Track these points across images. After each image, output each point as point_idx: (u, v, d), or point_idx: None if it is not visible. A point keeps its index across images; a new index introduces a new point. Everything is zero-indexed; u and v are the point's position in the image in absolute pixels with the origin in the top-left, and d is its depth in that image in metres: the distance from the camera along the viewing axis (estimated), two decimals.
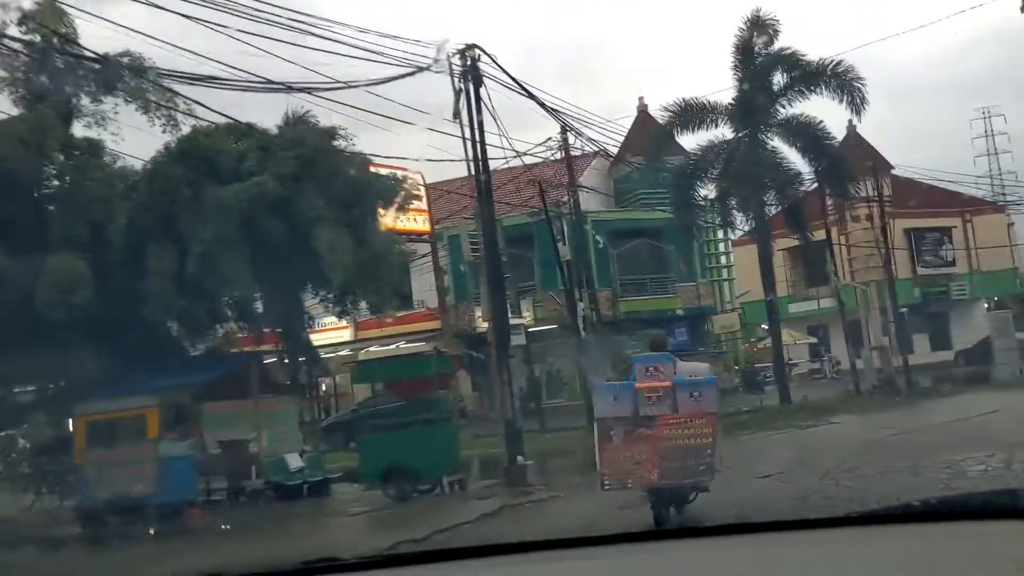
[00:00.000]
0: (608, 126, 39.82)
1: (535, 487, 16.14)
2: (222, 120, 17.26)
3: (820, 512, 2.77)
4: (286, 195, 15.73)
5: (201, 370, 18.59)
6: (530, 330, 36.94)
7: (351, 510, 16.56)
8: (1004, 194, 58.82)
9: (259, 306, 19.64)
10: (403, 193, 18.73)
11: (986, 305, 50.11)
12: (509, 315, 28.71)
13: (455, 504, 15.29)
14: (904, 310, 36.88)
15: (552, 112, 20.57)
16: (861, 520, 2.23)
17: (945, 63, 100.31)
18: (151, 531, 15.74)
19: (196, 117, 16.53)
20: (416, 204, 26.11)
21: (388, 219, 21.48)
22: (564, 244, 27.00)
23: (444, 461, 16.27)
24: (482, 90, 17.36)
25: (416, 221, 25.92)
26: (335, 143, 17.02)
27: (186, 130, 17.65)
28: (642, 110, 38.52)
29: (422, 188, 26.15)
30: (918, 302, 45.47)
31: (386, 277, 17.70)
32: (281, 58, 15.51)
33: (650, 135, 31.40)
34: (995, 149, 73.86)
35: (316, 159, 16.22)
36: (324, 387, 36.79)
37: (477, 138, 16.73)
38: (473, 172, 16.94)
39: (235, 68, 15.40)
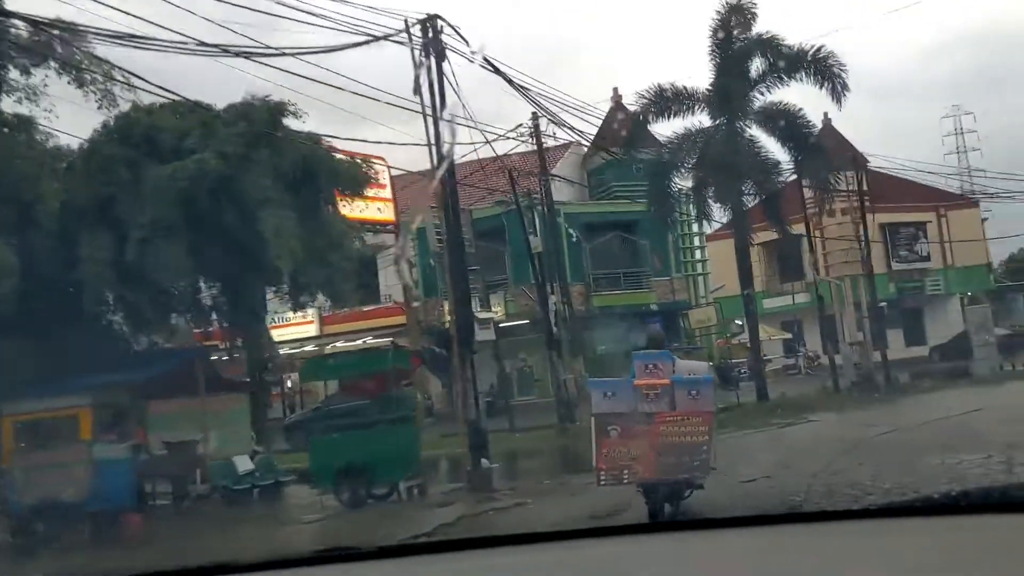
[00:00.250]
0: (586, 110, 38.26)
1: (500, 493, 14.76)
2: (164, 96, 15.64)
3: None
4: (229, 174, 14.23)
5: (141, 367, 17.05)
6: (501, 325, 35.65)
7: (298, 517, 15.10)
8: (973, 191, 58.19)
9: (207, 298, 18.05)
10: (362, 177, 17.22)
11: (960, 300, 49.33)
12: (478, 309, 27.53)
13: (412, 511, 13.88)
14: (883, 304, 35.75)
15: (520, 90, 19.11)
16: (870, 513, 2.17)
17: (916, 62, 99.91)
18: (83, 538, 14.31)
19: (132, 87, 14.92)
20: (380, 192, 24.59)
21: (347, 206, 20.11)
22: (535, 236, 25.60)
23: (402, 464, 14.82)
24: (447, 66, 15.90)
25: (380, 210, 24.42)
26: (284, 119, 15.48)
27: (125, 106, 16.06)
28: (617, 101, 37.16)
29: (386, 175, 24.64)
30: (893, 297, 44.51)
31: (341, 266, 16.19)
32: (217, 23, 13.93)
33: (624, 125, 30.04)
34: (965, 147, 73.41)
35: (262, 136, 14.70)
36: (290, 384, 35.25)
37: (439, 115, 15.23)
38: (435, 154, 15.45)
39: (169, 29, 13.82)
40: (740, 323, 42.94)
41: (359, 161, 17.67)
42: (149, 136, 15.64)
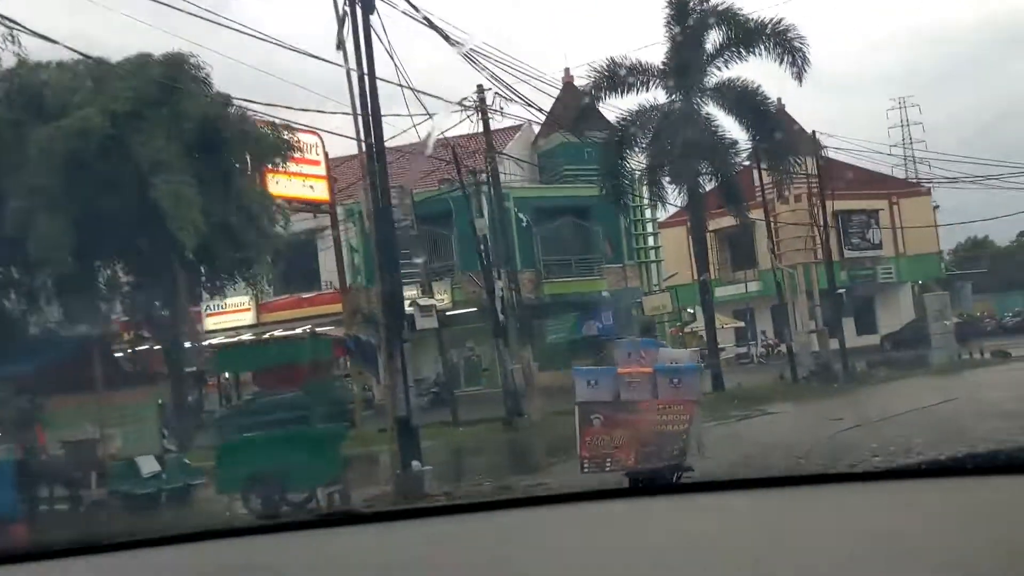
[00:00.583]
0: (540, 79, 36.04)
1: (433, 498, 12.75)
2: (52, 49, 13.34)
3: None
4: (117, 134, 12.02)
5: (26, 357, 14.77)
6: (448, 313, 33.65)
7: (198, 528, 12.92)
8: (919, 182, 57.35)
9: (111, 279, 15.79)
10: (281, 146, 15.08)
11: (911, 289, 48.31)
12: (420, 295, 25.50)
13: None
14: (842, 291, 34.33)
15: (453, 44, 17.00)
16: (864, 476, 2.12)
17: (861, 54, 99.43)
18: None
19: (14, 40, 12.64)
20: (313, 169, 22.40)
21: (276, 182, 17.96)
22: (482, 218, 23.60)
23: (320, 468, 12.76)
24: (376, 20, 13.79)
25: (313, 189, 22.24)
26: (184, 74, 13.28)
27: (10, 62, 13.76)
28: (568, 81, 35.19)
29: (320, 150, 22.45)
30: (845, 285, 43.04)
31: (258, 245, 14.03)
32: None
33: (576, 104, 28.10)
34: (910, 138, 72.72)
35: (158, 92, 12.51)
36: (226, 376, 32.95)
37: (365, 75, 13.15)
38: (360, 118, 13.37)
39: None
40: (692, 312, 41.42)
41: (280, 125, 15.46)
42: (35, 94, 13.37)
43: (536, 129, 36.76)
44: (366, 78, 13.26)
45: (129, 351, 17.29)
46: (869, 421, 16.75)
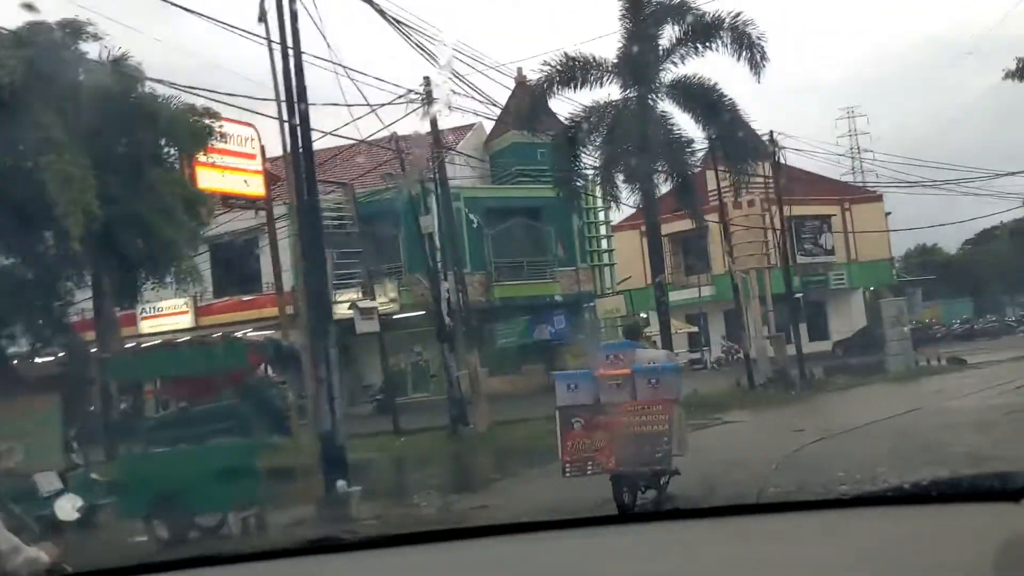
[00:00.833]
0: (496, 68, 34.29)
1: (361, 523, 11.24)
2: None
3: None
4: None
5: None
6: (395, 316, 32.10)
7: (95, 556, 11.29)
8: (866, 185, 56.96)
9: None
10: (199, 131, 13.45)
11: (863, 295, 47.68)
12: (360, 298, 23.92)
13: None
14: (799, 296, 33.30)
15: (395, 24, 15.50)
16: (839, 503, 2.06)
17: (810, 66, 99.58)
18: None
19: None
20: (248, 163, 20.73)
21: (207, 174, 16.31)
22: (427, 215, 22.07)
23: (233, 488, 11.16)
24: None
25: (247, 183, 20.56)
26: (82, 45, 11.65)
27: None
28: (521, 81, 33.80)
29: (255, 143, 20.77)
30: (798, 291, 42.20)
31: (171, 238, 12.39)
32: None
33: (528, 103, 26.67)
34: (858, 148, 72.58)
35: (50, 63, 10.85)
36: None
37: (289, 52, 11.61)
38: (284, 100, 11.83)
39: None
40: (646, 316, 40.24)
41: (202, 110, 13.83)
42: None
43: (488, 128, 35.35)
44: (290, 55, 11.73)
45: (29, 355, 15.50)
46: (833, 434, 15.52)
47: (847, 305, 47.17)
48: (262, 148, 21.22)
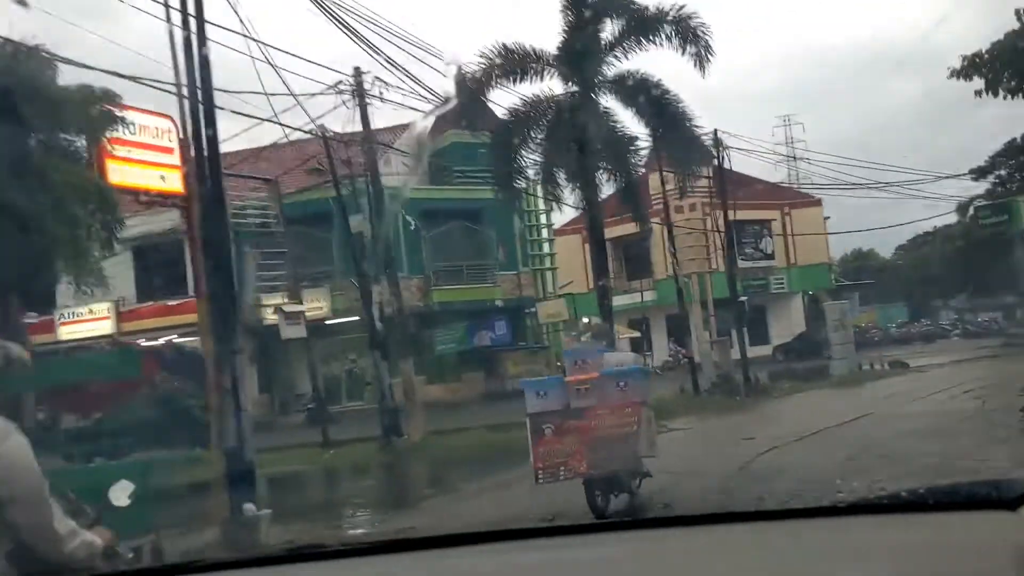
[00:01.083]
0: (431, 52, 32.52)
1: (271, 550, 9.78)
2: None
3: None
4: None
5: None
6: (328, 322, 30.56)
7: None
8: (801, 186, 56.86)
9: None
10: (97, 116, 11.94)
11: (802, 299, 47.35)
12: (286, 302, 22.37)
13: None
14: (743, 299, 32.54)
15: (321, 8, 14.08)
16: (828, 511, 1.97)
17: (746, 75, 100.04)
18: None
19: None
20: (165, 158, 19.10)
21: (116, 169, 14.75)
22: (357, 214, 20.65)
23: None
24: None
25: (164, 179, 18.93)
26: None
27: None
28: (459, 77, 32.49)
29: (173, 135, 19.13)
30: (739, 295, 41.60)
31: (57, 235, 10.87)
32: None
33: (466, 99, 25.39)
34: (795, 156, 72.73)
35: None
36: None
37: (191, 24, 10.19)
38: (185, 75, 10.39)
39: None
40: (588, 321, 39.21)
41: (100, 92, 12.29)
42: None
43: (426, 127, 33.95)
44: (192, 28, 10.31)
45: None
46: (785, 441, 14.48)
47: (787, 309, 46.79)
48: (183, 141, 19.58)
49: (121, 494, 3.62)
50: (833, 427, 15.69)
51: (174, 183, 19.21)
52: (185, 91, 11.32)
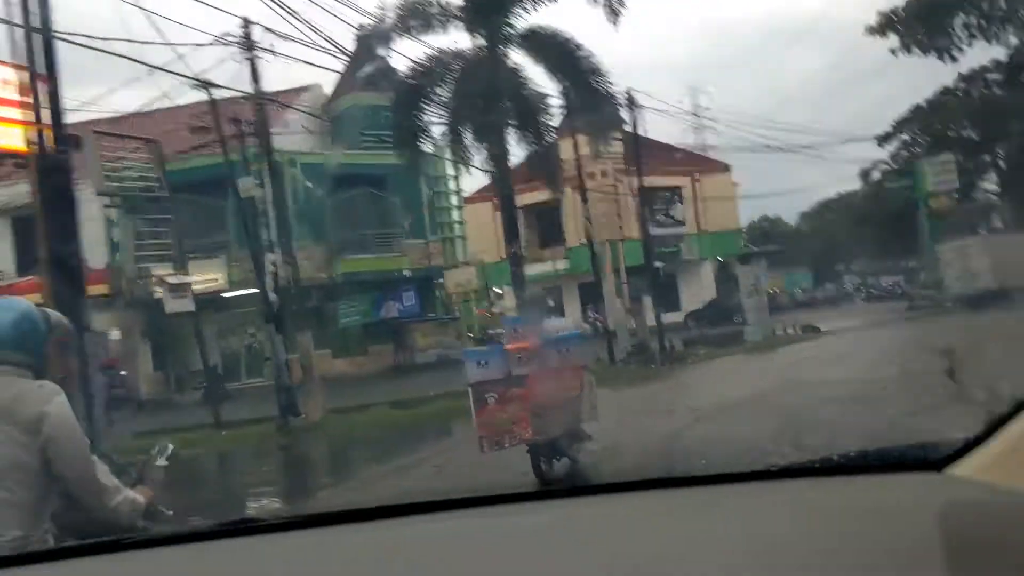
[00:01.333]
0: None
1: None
2: None
3: None
4: None
5: None
6: (224, 295, 28.66)
7: None
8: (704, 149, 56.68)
9: None
10: None
11: (712, 265, 47.05)
12: (171, 274, 20.44)
13: None
14: (659, 266, 31.79)
15: None
16: (757, 476, 1.95)
17: (654, 46, 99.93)
18: None
19: None
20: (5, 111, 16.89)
21: None
22: (247, 177, 18.89)
23: None
24: None
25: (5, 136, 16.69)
26: None
27: None
28: (358, 32, 30.64)
29: (15, 88, 16.89)
30: (654, 262, 41.02)
31: None
32: None
33: (368, 57, 23.67)
34: (699, 125, 72.75)
35: None
36: None
37: None
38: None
39: None
40: (500, 291, 38.03)
41: None
42: None
43: (329, 88, 32.13)
44: None
45: None
46: (709, 411, 13.52)
47: (697, 276, 46.41)
48: (33, 92, 17.35)
49: (161, 457, 3.61)
50: (756, 395, 14.82)
51: (14, 140, 17.05)
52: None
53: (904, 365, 17.25)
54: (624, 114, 26.16)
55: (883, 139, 40.08)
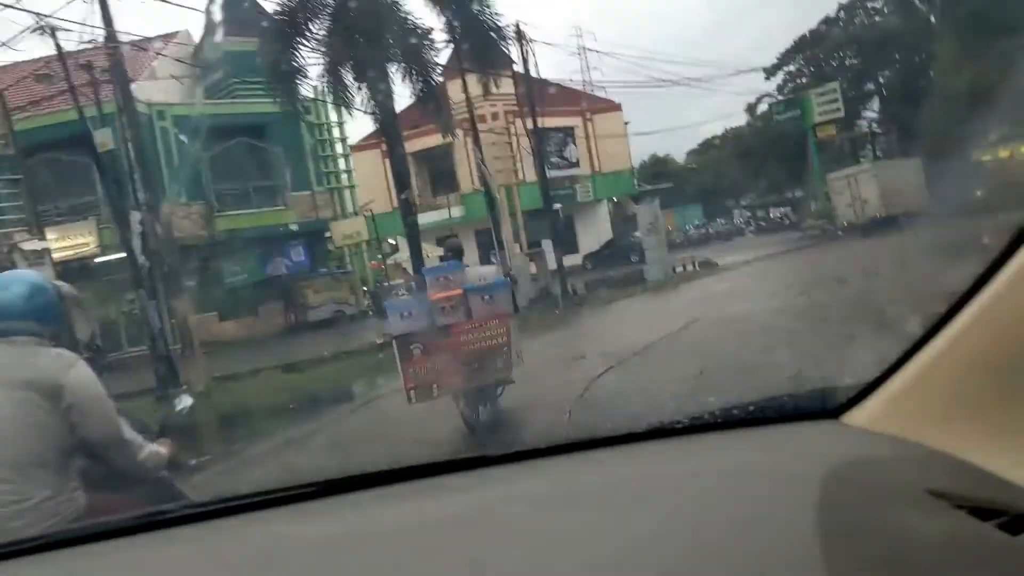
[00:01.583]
0: None
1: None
2: None
3: None
4: None
5: None
6: (97, 260, 26.51)
7: None
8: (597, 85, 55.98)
9: None
10: None
11: (607, 206, 46.59)
12: (27, 238, 18.44)
13: None
14: (558, 207, 30.95)
15: None
16: (656, 434, 1.95)
17: None
18: None
19: None
20: None
21: None
22: (104, 128, 16.98)
23: None
24: None
25: None
26: None
27: None
28: None
29: None
30: (552, 204, 40.22)
31: None
32: None
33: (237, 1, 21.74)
34: (587, 66, 72.04)
35: None
36: None
37: None
38: None
39: None
40: (394, 243, 36.61)
41: None
42: None
43: (197, 35, 29.78)
44: None
45: None
46: (621, 358, 12.70)
47: (593, 218, 45.85)
48: None
49: (181, 408, 3.74)
50: (666, 337, 14.09)
51: None
52: None
53: (808, 294, 16.94)
54: (513, 49, 24.81)
55: (770, 71, 39.96)
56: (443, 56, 22.00)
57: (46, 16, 15.67)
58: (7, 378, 3.07)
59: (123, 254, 24.05)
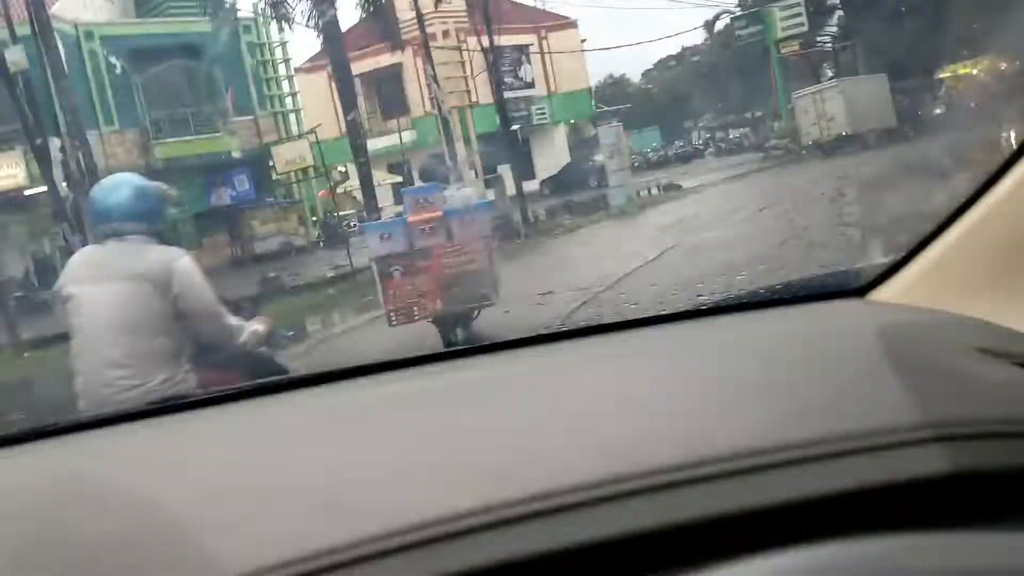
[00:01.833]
0: None
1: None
2: None
3: None
4: None
5: None
6: (26, 192, 24.76)
7: None
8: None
9: None
10: None
11: (565, 129, 45.16)
12: None
13: None
14: (516, 128, 29.62)
15: None
16: (683, 316, 1.89)
17: None
18: None
19: None
20: None
21: None
22: (15, 46, 15.26)
23: None
24: None
25: None
26: None
27: None
28: None
29: None
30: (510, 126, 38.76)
31: None
32: None
33: None
34: None
35: None
36: None
37: None
38: None
39: None
40: (344, 171, 35.01)
41: None
42: None
43: None
44: None
45: None
46: (594, 292, 11.68)
47: (551, 141, 44.40)
48: None
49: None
50: (643, 267, 13.11)
51: None
52: None
53: (788, 216, 16.09)
54: None
55: None
56: None
57: None
58: (123, 273, 3.41)
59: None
